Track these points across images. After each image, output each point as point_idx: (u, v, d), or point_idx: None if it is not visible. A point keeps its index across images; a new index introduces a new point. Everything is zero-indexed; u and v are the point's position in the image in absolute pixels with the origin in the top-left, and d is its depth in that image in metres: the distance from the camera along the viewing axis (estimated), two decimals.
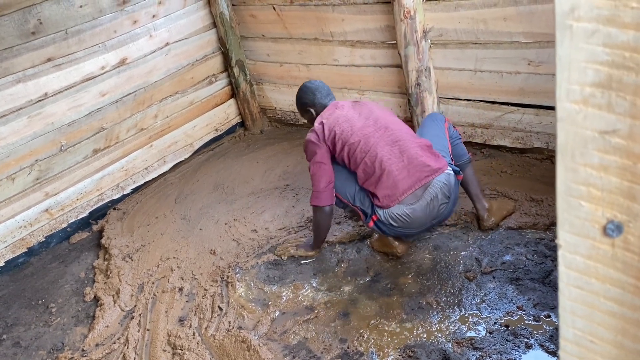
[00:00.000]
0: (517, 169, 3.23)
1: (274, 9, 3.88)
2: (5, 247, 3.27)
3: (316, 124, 2.70)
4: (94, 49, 3.44)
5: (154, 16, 3.73)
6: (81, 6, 3.33)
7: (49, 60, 3.24)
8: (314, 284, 2.71)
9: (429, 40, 3.25)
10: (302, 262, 2.87)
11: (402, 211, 2.49)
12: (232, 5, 4.09)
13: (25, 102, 3.17)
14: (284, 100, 4.33)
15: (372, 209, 2.56)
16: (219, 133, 4.39)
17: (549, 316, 2.26)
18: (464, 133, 3.48)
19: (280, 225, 3.20)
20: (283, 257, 2.90)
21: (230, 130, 4.48)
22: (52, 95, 3.28)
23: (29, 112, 3.20)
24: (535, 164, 3.24)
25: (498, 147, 3.40)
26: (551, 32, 2.89)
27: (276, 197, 3.49)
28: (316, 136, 2.66)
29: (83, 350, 2.56)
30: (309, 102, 2.83)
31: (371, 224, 2.58)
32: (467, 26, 3.10)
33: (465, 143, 3.50)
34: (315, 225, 2.78)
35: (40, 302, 2.98)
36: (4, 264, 3.27)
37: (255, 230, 3.21)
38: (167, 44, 3.84)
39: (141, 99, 3.76)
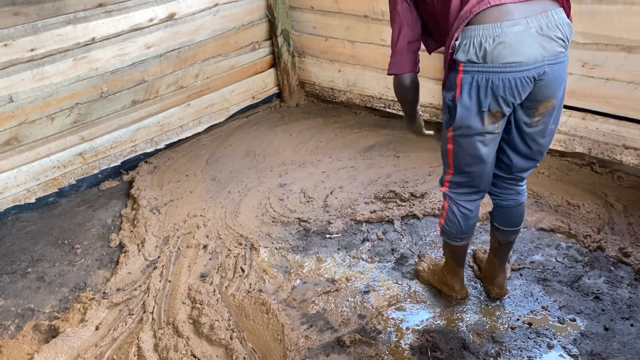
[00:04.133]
0: (555, 172, 3.16)
1: None
2: (38, 184, 3.32)
3: None
4: (145, 0, 3.44)
5: None
6: None
7: (100, 5, 3.25)
8: (337, 259, 2.70)
9: None
10: (327, 236, 2.86)
11: (500, 30, 1.65)
12: None
13: (72, 45, 3.19)
14: (325, 75, 4.29)
15: (452, 79, 1.80)
16: (256, 101, 4.38)
17: (574, 320, 2.21)
18: None
19: (307, 198, 3.19)
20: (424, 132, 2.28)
21: (267, 100, 4.47)
22: (100, 41, 3.30)
23: (75, 55, 3.22)
24: (575, 169, 3.17)
25: None
26: (611, 35, 2.80)
27: (306, 171, 3.48)
28: None
29: (104, 292, 2.59)
30: None
31: (460, 76, 1.74)
32: None
33: None
34: (397, 97, 2.08)
35: (66, 242, 3.02)
36: (34, 201, 3.32)
37: (282, 199, 3.21)
38: (217, 4, 3.82)
39: (184, 56, 3.76)
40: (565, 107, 3.11)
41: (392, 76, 1.98)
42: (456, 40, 1.72)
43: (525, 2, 1.66)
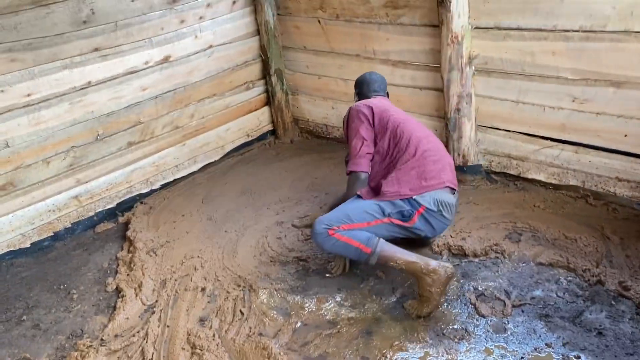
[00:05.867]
0: (550, 205, 3.19)
1: (319, 22, 3.91)
2: (33, 229, 3.29)
3: (361, 104, 2.87)
4: (140, 44, 3.49)
5: (201, 18, 3.79)
6: (133, 0, 3.39)
7: (96, 50, 3.30)
8: (338, 299, 2.68)
9: (474, 67, 3.25)
10: (327, 275, 2.84)
11: (446, 197, 2.65)
12: (278, 15, 4.14)
13: (69, 89, 3.22)
14: (318, 112, 4.34)
15: (413, 204, 2.61)
16: (250, 139, 4.42)
17: (579, 357, 2.20)
18: (498, 163, 3.46)
19: (305, 236, 3.18)
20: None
21: (261, 137, 4.51)
22: (95, 85, 3.33)
23: (71, 99, 3.25)
24: (569, 202, 3.19)
25: (532, 181, 3.37)
26: (600, 71, 2.87)
27: (303, 208, 3.48)
28: (365, 113, 2.82)
29: (102, 339, 2.55)
30: (357, 89, 3.14)
31: (415, 218, 2.61)
32: (514, 57, 3.10)
33: (498, 174, 3.49)
34: (345, 195, 2.83)
35: (62, 287, 2.98)
36: (29, 246, 3.29)
37: (280, 238, 3.20)
38: (211, 46, 3.89)
39: (180, 97, 3.80)
40: (558, 140, 3.17)
41: (350, 174, 2.79)
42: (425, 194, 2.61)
43: (449, 188, 2.70)
